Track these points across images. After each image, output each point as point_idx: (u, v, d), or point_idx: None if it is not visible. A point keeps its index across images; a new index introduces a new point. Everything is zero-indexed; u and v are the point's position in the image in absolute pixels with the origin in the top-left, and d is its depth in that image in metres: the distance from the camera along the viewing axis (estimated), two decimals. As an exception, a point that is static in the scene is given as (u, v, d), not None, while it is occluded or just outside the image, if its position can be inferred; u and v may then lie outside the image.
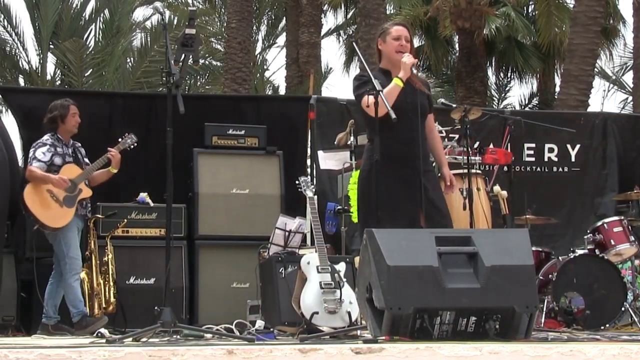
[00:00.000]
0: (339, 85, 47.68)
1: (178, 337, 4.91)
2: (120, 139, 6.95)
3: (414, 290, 4.09)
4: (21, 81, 17.71)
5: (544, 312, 6.67)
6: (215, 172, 7.70)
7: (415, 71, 5.25)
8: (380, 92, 5.21)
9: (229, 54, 14.98)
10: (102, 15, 17.79)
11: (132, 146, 6.97)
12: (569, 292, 6.73)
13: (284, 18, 21.94)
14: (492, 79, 20.86)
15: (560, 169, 9.00)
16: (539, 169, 8.95)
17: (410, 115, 5.06)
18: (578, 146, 9.02)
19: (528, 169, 8.90)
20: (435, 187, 5.30)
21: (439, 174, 5.56)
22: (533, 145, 8.91)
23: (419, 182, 5.10)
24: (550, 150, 8.98)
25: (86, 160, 6.92)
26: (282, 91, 22.17)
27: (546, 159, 8.97)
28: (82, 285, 6.69)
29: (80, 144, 6.99)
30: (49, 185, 6.56)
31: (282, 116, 8.51)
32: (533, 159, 8.90)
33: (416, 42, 18.74)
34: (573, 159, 9.00)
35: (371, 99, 5.02)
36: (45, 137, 6.75)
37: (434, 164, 5.68)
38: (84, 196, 6.73)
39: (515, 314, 4.14)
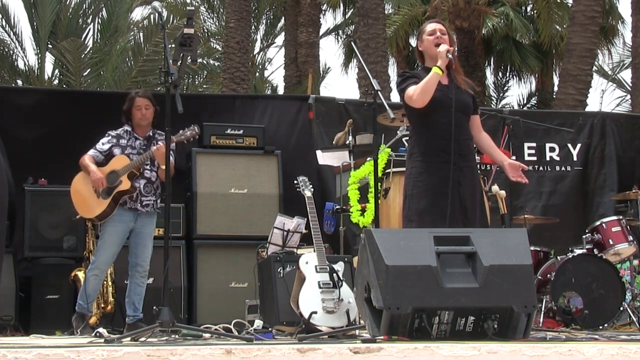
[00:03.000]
0: (337, 84, 47.79)
1: (176, 336, 4.91)
2: (182, 130, 6.47)
3: (413, 289, 4.08)
4: (19, 81, 17.70)
5: (543, 312, 6.67)
6: (214, 171, 7.70)
7: (455, 66, 5.16)
8: (379, 92, 5.23)
9: (227, 54, 14.96)
10: (99, 14, 17.78)
11: (191, 139, 6.49)
12: (567, 291, 6.74)
13: (283, 18, 21.95)
14: (490, 78, 20.90)
15: (563, 168, 9.00)
16: (541, 168, 8.95)
17: (450, 111, 5.02)
18: (579, 145, 9.03)
19: (530, 168, 8.88)
20: (471, 184, 5.15)
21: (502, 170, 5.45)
22: (534, 144, 8.91)
23: (453, 176, 5.00)
24: (552, 149, 8.97)
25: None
26: (280, 91, 22.21)
27: (548, 158, 8.97)
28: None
29: (163, 134, 6.46)
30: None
31: (280, 116, 8.51)
32: (535, 158, 8.89)
33: (414, 43, 18.78)
34: (575, 158, 9.01)
35: (413, 89, 5.00)
36: (121, 128, 6.58)
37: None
38: (121, 189, 6.39)
39: (514, 313, 4.14)
